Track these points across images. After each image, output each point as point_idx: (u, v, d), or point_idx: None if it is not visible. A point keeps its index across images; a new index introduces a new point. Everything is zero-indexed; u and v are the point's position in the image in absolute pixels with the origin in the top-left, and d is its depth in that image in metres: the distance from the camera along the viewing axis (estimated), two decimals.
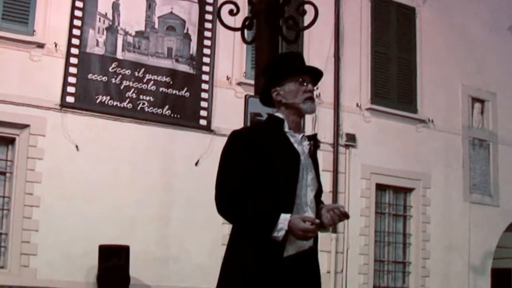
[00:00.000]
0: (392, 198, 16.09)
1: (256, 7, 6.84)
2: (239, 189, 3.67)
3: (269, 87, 3.94)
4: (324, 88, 14.67)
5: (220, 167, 3.79)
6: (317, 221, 3.67)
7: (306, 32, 14.32)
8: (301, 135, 3.92)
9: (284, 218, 3.61)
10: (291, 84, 3.88)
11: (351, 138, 15.31)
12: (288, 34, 7.69)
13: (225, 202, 3.70)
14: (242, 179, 3.68)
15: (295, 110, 3.90)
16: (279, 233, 3.60)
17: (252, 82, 7.86)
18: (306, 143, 3.91)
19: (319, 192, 3.92)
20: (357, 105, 15.63)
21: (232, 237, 3.80)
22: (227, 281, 3.73)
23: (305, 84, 3.90)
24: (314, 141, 3.94)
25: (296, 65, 3.97)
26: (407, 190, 16.20)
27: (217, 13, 7.26)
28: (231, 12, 6.95)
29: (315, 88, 3.98)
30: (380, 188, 15.82)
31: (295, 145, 3.86)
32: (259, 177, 3.70)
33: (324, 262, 14.46)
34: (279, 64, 3.99)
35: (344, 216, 3.83)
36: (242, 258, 3.69)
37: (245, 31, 6.90)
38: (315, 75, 3.98)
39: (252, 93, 7.27)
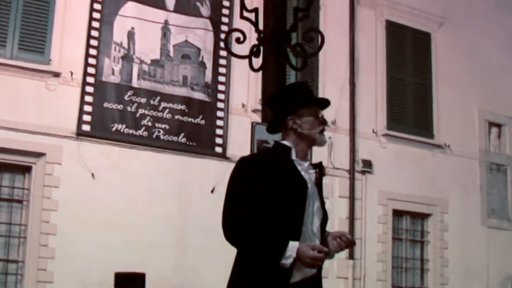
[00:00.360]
0: (410, 223, 16.00)
1: (262, 34, 6.85)
2: (247, 215, 3.66)
3: (283, 114, 3.92)
4: (340, 115, 14.69)
5: (227, 193, 3.79)
6: (326, 249, 3.67)
7: (321, 59, 14.39)
8: (308, 163, 3.92)
9: (293, 246, 3.60)
10: (308, 115, 3.90)
11: (368, 164, 15.27)
12: (300, 62, 7.72)
13: (233, 228, 3.70)
14: (250, 205, 3.68)
15: (309, 140, 3.92)
16: (288, 261, 3.59)
17: None
18: (312, 171, 3.91)
19: (324, 220, 3.92)
20: (373, 131, 15.61)
21: (237, 263, 3.81)
22: None
23: (320, 116, 3.94)
24: (319, 169, 3.94)
25: (311, 95, 4.01)
26: (424, 216, 16.12)
27: (224, 41, 7.29)
28: (238, 40, 6.98)
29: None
30: (397, 214, 15.74)
31: (302, 173, 3.85)
32: (267, 204, 3.69)
33: None
34: (294, 93, 3.98)
35: (351, 243, 3.86)
36: (248, 284, 3.69)
37: (253, 58, 6.91)
38: (324, 107, 4.02)
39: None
